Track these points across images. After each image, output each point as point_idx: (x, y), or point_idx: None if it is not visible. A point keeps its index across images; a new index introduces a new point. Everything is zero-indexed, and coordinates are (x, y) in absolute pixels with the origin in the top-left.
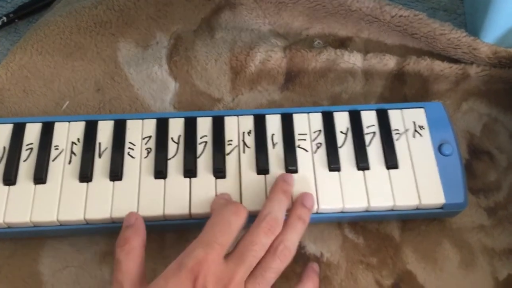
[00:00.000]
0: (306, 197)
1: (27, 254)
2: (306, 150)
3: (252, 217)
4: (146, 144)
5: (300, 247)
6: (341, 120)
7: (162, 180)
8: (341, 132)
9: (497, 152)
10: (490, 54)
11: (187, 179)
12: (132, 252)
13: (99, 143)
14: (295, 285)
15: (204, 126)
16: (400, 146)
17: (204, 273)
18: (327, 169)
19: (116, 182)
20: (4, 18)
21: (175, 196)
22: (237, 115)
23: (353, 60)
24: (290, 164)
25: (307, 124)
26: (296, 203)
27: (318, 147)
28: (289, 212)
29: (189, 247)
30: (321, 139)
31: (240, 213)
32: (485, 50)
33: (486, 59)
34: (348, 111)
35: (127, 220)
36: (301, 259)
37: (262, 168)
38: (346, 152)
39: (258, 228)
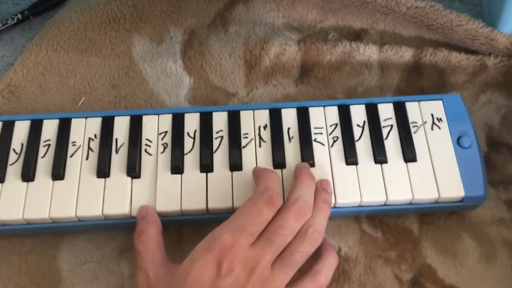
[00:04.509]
0: (325, 182)
1: (46, 250)
2: (323, 144)
3: None
4: (162, 139)
5: None
6: (358, 113)
7: (179, 175)
8: (358, 125)
9: None
10: (508, 45)
11: (204, 174)
12: (149, 241)
13: (116, 139)
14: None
15: (219, 120)
16: (418, 139)
17: (231, 258)
18: (344, 163)
19: (133, 178)
20: (19, 15)
21: (192, 191)
22: (253, 109)
23: (369, 52)
24: (307, 158)
25: (323, 117)
26: (318, 188)
27: (334, 141)
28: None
29: (217, 229)
30: (338, 132)
31: (274, 204)
32: (503, 41)
33: (504, 50)
34: (365, 104)
35: (139, 214)
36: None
37: (278, 162)
38: (363, 146)
39: (288, 212)
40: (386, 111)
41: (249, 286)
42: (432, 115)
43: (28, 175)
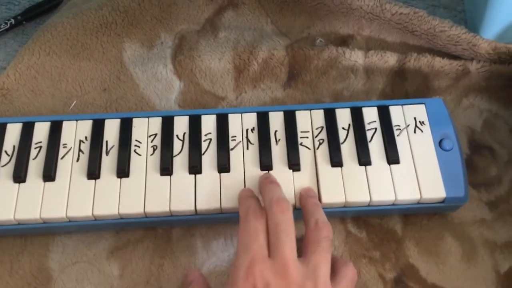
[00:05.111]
0: (309, 190)
1: (37, 250)
2: (309, 147)
3: None
4: (152, 141)
5: None
6: (343, 117)
7: (168, 177)
8: (343, 128)
9: (498, 147)
10: (490, 50)
11: (192, 176)
12: None
13: (106, 141)
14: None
15: (208, 123)
16: (401, 141)
17: (259, 272)
18: (329, 165)
19: (123, 179)
20: (12, 20)
21: (181, 192)
22: (241, 113)
23: (355, 57)
24: (293, 160)
25: (310, 120)
26: (304, 197)
27: (320, 143)
28: (302, 206)
29: (232, 265)
30: (324, 135)
31: (261, 216)
32: (485, 46)
33: (486, 55)
34: (350, 107)
35: (187, 279)
36: None
37: (265, 164)
38: (348, 148)
39: (272, 213)
40: (370, 115)
41: (295, 286)
42: (415, 118)
43: (19, 176)
